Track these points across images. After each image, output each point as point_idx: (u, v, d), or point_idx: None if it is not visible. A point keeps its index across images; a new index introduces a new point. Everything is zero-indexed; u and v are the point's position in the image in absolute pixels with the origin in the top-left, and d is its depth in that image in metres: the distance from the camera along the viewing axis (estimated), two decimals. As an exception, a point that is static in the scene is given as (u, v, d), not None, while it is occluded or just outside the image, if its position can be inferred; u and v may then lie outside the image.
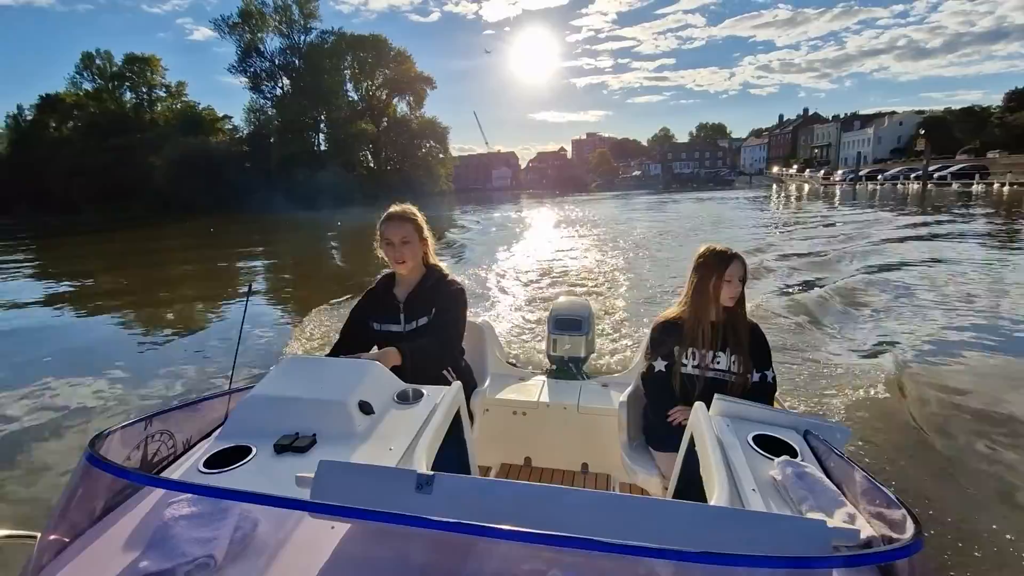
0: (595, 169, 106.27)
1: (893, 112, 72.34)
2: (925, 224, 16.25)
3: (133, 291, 11.31)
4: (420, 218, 2.13)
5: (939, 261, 10.06)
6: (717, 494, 1.10)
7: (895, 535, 0.88)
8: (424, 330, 2.08)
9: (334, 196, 42.81)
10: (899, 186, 40.79)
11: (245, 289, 1.98)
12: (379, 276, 2.28)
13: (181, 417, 1.37)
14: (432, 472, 0.90)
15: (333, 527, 0.95)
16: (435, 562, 0.88)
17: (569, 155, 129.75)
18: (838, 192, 38.26)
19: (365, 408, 1.43)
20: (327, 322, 6.97)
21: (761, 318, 5.10)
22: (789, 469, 1.15)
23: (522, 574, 0.81)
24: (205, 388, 5.09)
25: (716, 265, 1.92)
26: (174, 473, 1.23)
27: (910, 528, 0.84)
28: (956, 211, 20.83)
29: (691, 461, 1.43)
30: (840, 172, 54.51)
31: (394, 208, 2.11)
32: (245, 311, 1.95)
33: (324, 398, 1.41)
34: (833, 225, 17.59)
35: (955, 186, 35.60)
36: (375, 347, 2.09)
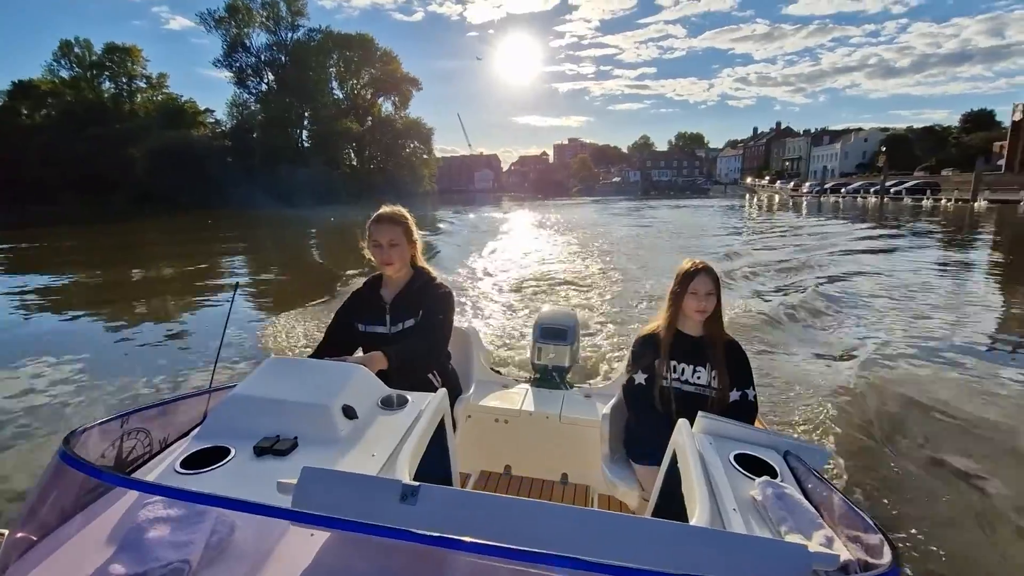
0: (576, 174, 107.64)
1: (860, 129, 75.08)
2: (881, 236, 17.49)
3: (110, 286, 10.97)
4: (410, 220, 2.10)
5: (892, 271, 10.80)
6: (699, 513, 1.10)
7: (872, 559, 0.89)
8: (410, 332, 2.05)
9: (318, 193, 42.79)
10: (859, 199, 42.99)
11: (230, 286, 1.93)
12: (366, 278, 2.24)
13: (158, 415, 1.33)
14: (417, 483, 0.89)
15: (313, 534, 0.93)
16: (418, 573, 0.86)
17: (551, 160, 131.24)
18: (805, 203, 40.21)
19: (349, 412, 1.40)
20: (311, 322, 6.88)
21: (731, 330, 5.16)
22: (769, 490, 1.15)
23: None
24: (183, 388, 4.96)
25: (684, 279, 1.94)
26: (150, 473, 1.20)
27: (887, 554, 0.85)
28: (907, 224, 22.50)
29: (672, 477, 1.43)
30: (807, 185, 57.28)
31: (384, 209, 2.08)
32: (230, 310, 1.89)
33: (307, 401, 1.38)
34: (799, 235, 18.58)
35: (908, 201, 37.91)
36: (360, 349, 2.08)
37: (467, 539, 0.69)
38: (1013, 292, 9.38)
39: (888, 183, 42.89)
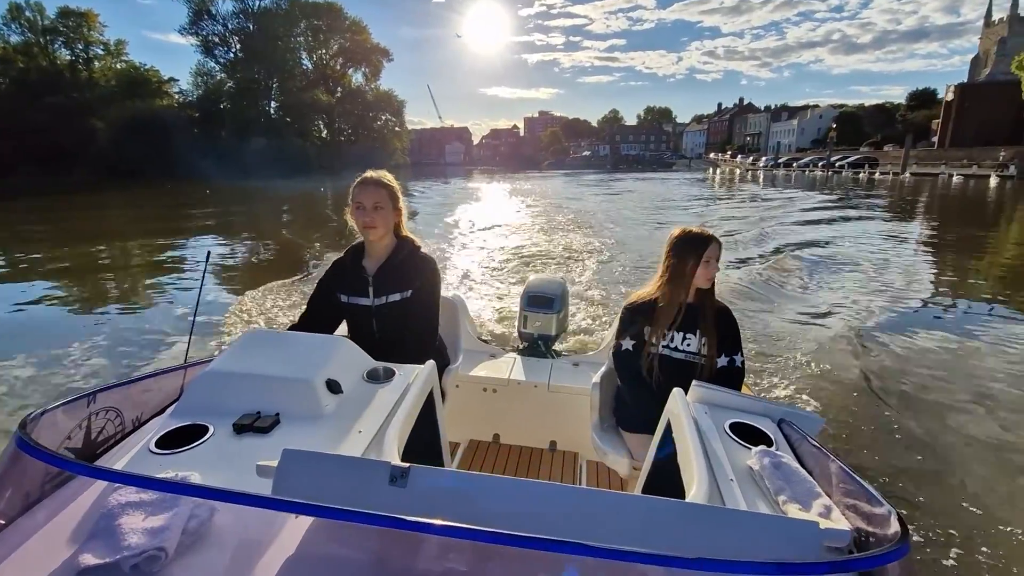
0: (547, 148, 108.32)
1: (816, 105, 78.57)
2: (824, 203, 19.88)
3: (75, 259, 10.28)
4: (395, 186, 2.01)
5: (836, 235, 12.02)
6: (696, 484, 1.07)
7: (877, 531, 0.86)
8: (396, 307, 1.98)
9: (290, 165, 42.73)
10: (807, 172, 47.10)
11: (214, 259, 1.89)
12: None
13: (129, 393, 1.26)
14: (407, 464, 0.85)
15: (298, 517, 0.88)
16: (408, 558, 0.82)
17: (522, 133, 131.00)
18: (761, 176, 43.40)
19: (333, 387, 1.36)
20: (294, 296, 6.61)
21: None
22: (766, 459, 1.13)
23: (500, 573, 0.78)
24: (156, 366, 4.36)
25: (695, 247, 1.89)
26: (122, 454, 1.14)
27: (894, 525, 0.82)
28: (846, 192, 25.61)
29: (666, 446, 1.39)
30: (764, 159, 61.28)
31: (369, 173, 2.00)
32: (203, 279, 1.82)
33: (289, 375, 1.33)
34: (756, 202, 20.99)
35: (848, 174, 41.95)
36: (344, 322, 2.04)
37: (460, 525, 0.65)
38: (921, 245, 11.44)
39: (833, 158, 47.49)
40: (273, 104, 52.85)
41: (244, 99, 48.95)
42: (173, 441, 1.16)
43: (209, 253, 2.03)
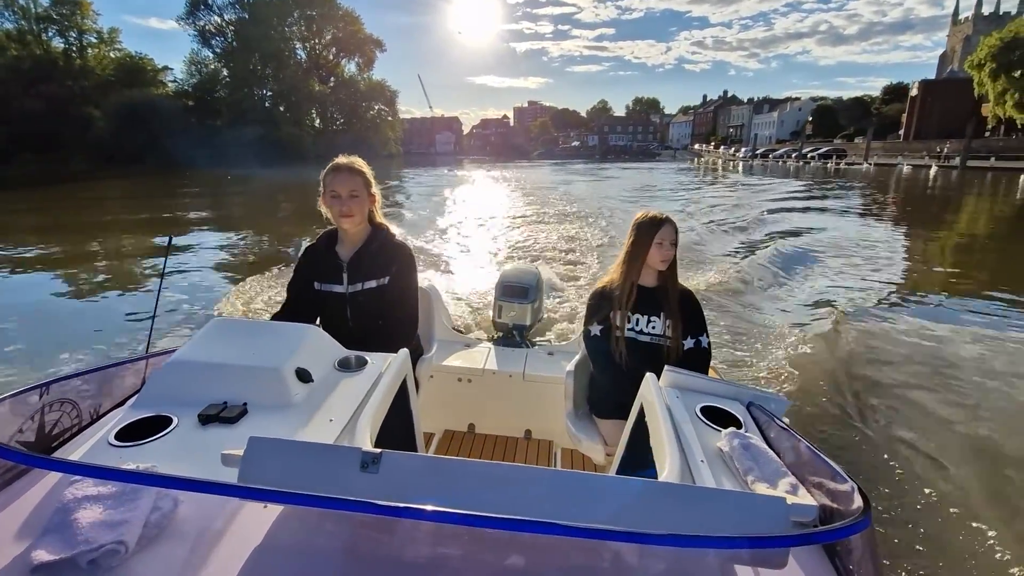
0: (537, 138, 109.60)
1: (797, 98, 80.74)
2: (797, 190, 22.37)
3: (68, 249, 9.89)
4: (369, 172, 1.95)
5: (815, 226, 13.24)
6: (668, 467, 1.08)
7: (842, 507, 0.88)
8: (371, 295, 1.95)
9: (284, 154, 43.66)
10: (781, 163, 50.87)
11: (166, 243, 1.82)
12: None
13: (87, 384, 1.21)
14: (379, 450, 0.83)
15: (266, 507, 0.85)
16: (381, 544, 0.81)
17: (512, 123, 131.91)
18: (740, 166, 46.22)
19: (303, 376, 1.32)
20: (272, 288, 6.27)
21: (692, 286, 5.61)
22: (736, 441, 1.16)
23: (475, 556, 0.78)
24: (117, 357, 3.95)
25: (648, 229, 1.91)
26: (78, 446, 1.09)
27: (857, 500, 0.83)
28: (814, 181, 28.54)
29: (640, 431, 1.39)
30: (743, 150, 64.34)
31: (341, 159, 1.92)
32: (164, 267, 1.75)
33: (256, 364, 1.28)
34: (735, 187, 23.19)
35: (818, 164, 46.15)
36: (319, 311, 1.98)
37: (432, 508, 0.64)
38: (869, 219, 13.74)
39: (805, 149, 51.88)
40: (268, 93, 53.60)
41: (240, 88, 49.49)
42: (134, 433, 1.11)
43: (171, 239, 1.94)
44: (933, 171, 33.38)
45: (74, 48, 51.35)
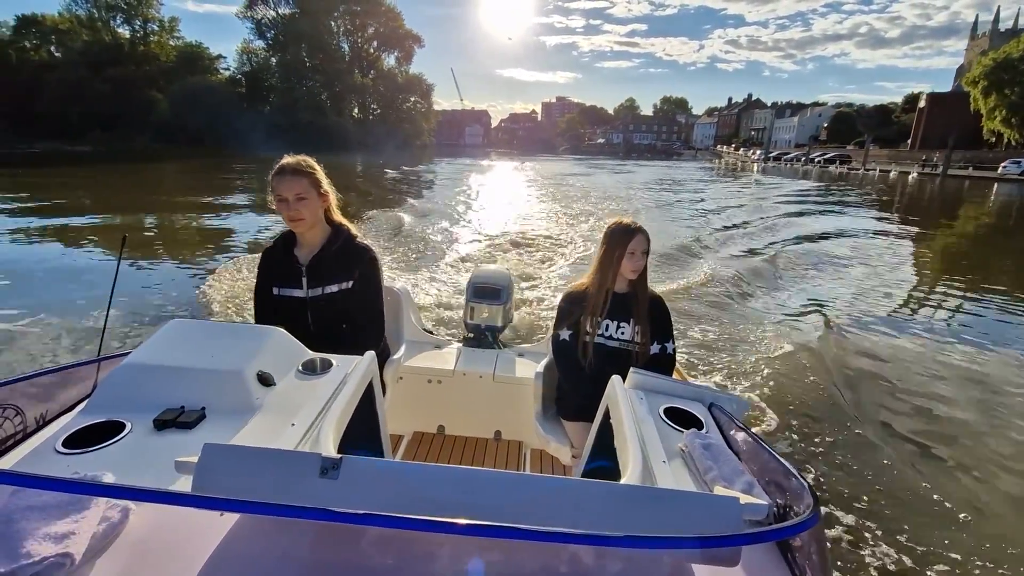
0: (564, 133, 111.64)
1: (817, 104, 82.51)
2: (802, 190, 25.17)
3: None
4: (318, 171, 1.83)
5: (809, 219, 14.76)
6: (631, 467, 1.09)
7: (793, 504, 0.90)
8: (333, 300, 1.85)
9: (331, 142, 46.54)
10: (791, 165, 55.54)
11: (121, 242, 1.73)
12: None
13: (32, 388, 1.12)
14: (340, 455, 0.80)
15: (221, 515, 0.82)
16: (342, 553, 0.79)
17: (539, 117, 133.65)
18: (755, 168, 50.43)
19: (265, 379, 1.27)
20: (240, 285, 5.98)
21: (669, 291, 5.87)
22: (696, 441, 1.17)
23: (436, 561, 0.76)
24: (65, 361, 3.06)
25: (620, 238, 1.90)
26: (22, 454, 1.02)
27: (807, 498, 0.84)
28: (813, 182, 31.89)
29: (605, 432, 1.40)
30: (758, 153, 67.82)
31: (287, 160, 1.79)
32: (118, 268, 1.68)
33: (215, 367, 1.23)
34: (748, 185, 26.88)
35: (823, 167, 50.70)
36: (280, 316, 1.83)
37: (391, 514, 0.61)
38: (859, 212, 16.15)
39: (813, 155, 56.82)
40: (314, 84, 57.02)
41: (288, 78, 52.60)
42: (84, 440, 1.05)
43: (125, 238, 1.83)
44: (912, 177, 37.09)
45: (139, 35, 55.37)
